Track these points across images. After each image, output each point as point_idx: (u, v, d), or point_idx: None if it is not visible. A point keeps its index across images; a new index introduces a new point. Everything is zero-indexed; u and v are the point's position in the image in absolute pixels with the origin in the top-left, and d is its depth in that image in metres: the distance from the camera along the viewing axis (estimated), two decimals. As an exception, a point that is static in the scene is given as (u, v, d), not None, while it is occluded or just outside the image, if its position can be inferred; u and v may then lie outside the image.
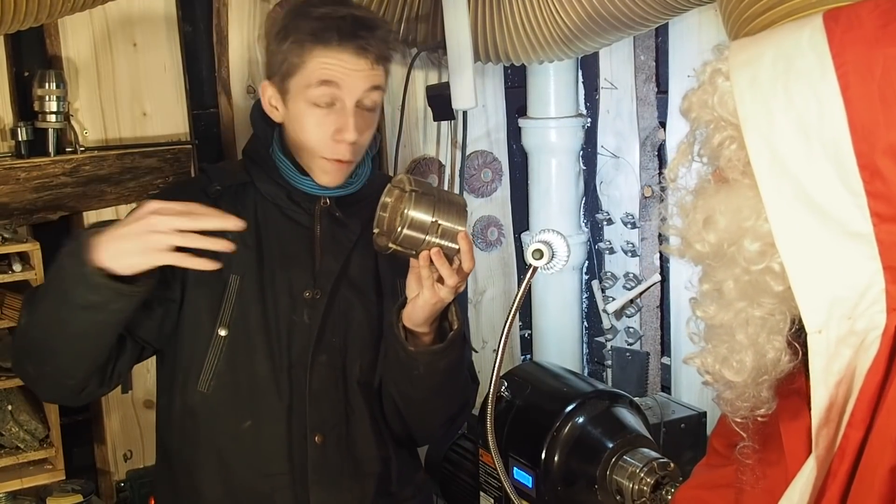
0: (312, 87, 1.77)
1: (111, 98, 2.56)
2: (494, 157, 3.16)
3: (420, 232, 1.64)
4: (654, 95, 2.92)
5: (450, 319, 1.78)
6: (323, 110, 1.78)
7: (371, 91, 1.80)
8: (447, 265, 1.66)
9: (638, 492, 1.89)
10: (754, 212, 1.10)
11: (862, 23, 1.06)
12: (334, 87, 1.77)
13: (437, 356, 1.76)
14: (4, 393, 2.31)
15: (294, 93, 1.80)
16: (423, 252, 1.66)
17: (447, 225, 1.65)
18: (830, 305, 1.07)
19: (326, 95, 1.77)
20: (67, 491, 2.41)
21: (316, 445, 1.83)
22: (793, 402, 1.20)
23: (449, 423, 1.97)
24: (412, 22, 2.73)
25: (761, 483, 1.28)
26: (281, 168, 1.86)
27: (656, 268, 2.99)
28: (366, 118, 1.82)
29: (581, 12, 2.45)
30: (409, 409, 1.88)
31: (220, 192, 1.86)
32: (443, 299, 1.70)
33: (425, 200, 1.64)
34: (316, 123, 1.79)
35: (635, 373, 3.04)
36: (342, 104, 1.78)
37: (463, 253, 1.67)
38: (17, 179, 2.39)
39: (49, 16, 2.08)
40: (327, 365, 1.83)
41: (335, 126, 1.78)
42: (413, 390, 1.83)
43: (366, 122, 1.82)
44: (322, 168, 1.83)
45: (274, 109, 1.86)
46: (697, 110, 1.17)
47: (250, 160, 1.91)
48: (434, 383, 1.81)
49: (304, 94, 1.78)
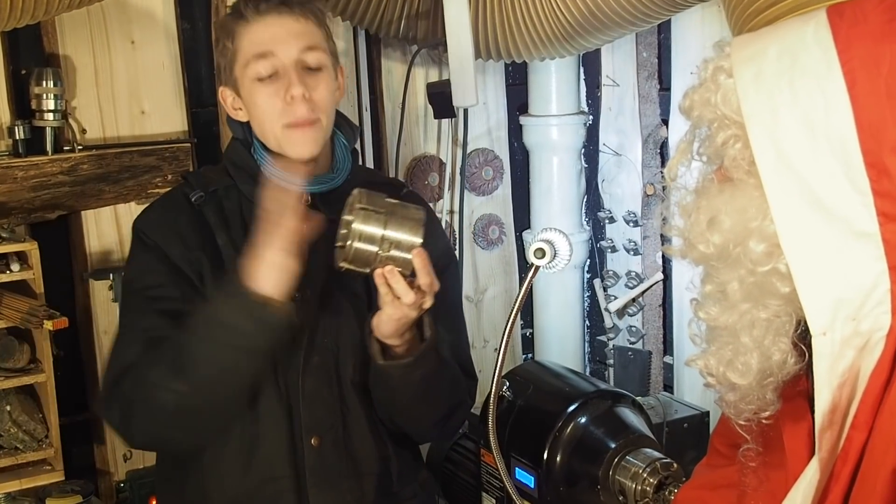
0: (251, 63, 1.79)
1: (109, 96, 2.55)
2: (495, 154, 3.15)
3: (370, 246, 1.61)
4: (656, 92, 2.91)
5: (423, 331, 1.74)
6: (268, 82, 1.80)
7: (308, 51, 1.80)
8: (402, 282, 1.63)
9: (641, 492, 1.88)
10: (760, 212, 1.09)
11: (867, 18, 1.04)
12: (270, 56, 1.78)
13: (409, 369, 1.73)
14: (3, 393, 2.30)
15: (240, 78, 1.82)
16: (377, 269, 1.63)
17: (399, 239, 1.61)
18: (835, 307, 1.05)
19: (265, 66, 1.79)
20: (67, 492, 2.40)
21: (312, 448, 1.81)
22: (796, 404, 1.19)
23: (442, 423, 1.93)
24: (413, 19, 2.72)
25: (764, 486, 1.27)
26: (263, 166, 1.85)
27: (658, 266, 2.98)
28: (315, 78, 1.81)
29: (583, 8, 2.43)
30: (394, 414, 1.87)
31: (204, 198, 1.85)
32: (406, 315, 1.67)
33: (375, 216, 1.61)
34: (266, 96, 1.80)
35: (637, 372, 3.03)
36: (283, 69, 1.79)
37: (418, 269, 1.63)
38: (15, 178, 2.39)
39: (46, 13, 2.08)
40: (320, 366, 1.81)
41: (283, 90, 1.79)
42: (394, 398, 1.82)
43: (315, 81, 1.81)
44: (290, 140, 1.82)
45: (238, 111, 1.87)
46: (700, 108, 1.15)
47: (231, 164, 1.90)
48: (413, 393, 1.79)
49: (247, 74, 1.80)
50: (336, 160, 1.91)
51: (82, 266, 2.56)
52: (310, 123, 1.80)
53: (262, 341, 1.65)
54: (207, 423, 1.77)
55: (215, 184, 1.88)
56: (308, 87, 1.78)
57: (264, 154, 1.86)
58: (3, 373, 2.27)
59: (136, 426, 1.76)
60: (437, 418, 1.90)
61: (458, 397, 1.92)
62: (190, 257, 1.80)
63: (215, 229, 1.83)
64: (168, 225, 1.83)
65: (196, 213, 1.84)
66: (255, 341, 1.65)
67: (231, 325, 1.63)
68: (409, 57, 2.92)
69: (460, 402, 1.93)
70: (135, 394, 1.72)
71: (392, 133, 2.96)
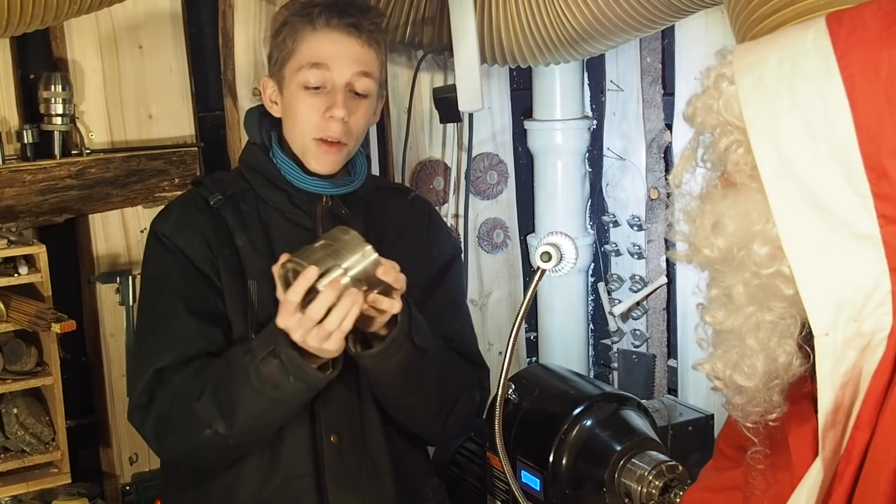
0: (304, 70, 1.83)
1: (117, 100, 2.56)
2: (500, 159, 3.16)
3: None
4: (660, 97, 2.92)
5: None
6: (314, 93, 1.83)
7: (361, 76, 1.84)
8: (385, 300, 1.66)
9: (646, 495, 1.89)
10: (763, 215, 1.10)
11: (866, 24, 1.06)
12: (324, 68, 1.82)
13: (380, 359, 1.73)
14: (10, 396, 2.31)
15: (288, 79, 1.86)
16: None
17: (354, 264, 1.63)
18: (837, 308, 1.06)
19: (317, 77, 1.82)
20: (73, 494, 2.41)
21: (332, 446, 1.83)
22: (801, 406, 1.20)
23: (443, 417, 1.91)
24: (418, 24, 2.73)
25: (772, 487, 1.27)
26: (283, 168, 1.87)
27: (662, 270, 2.98)
28: (357, 103, 1.85)
29: (587, 14, 2.44)
30: (390, 407, 1.87)
31: (223, 201, 1.87)
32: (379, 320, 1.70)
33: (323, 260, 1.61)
34: (308, 106, 1.83)
35: (642, 375, 3.03)
36: (332, 86, 1.83)
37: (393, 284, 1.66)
38: (23, 182, 2.40)
39: (55, 18, 2.09)
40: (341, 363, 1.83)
41: (325, 106, 1.83)
42: (380, 390, 1.83)
43: (357, 106, 1.85)
44: (314, 154, 1.85)
45: (273, 105, 1.92)
46: (703, 115, 1.16)
47: (248, 167, 1.92)
48: (395, 383, 1.79)
49: (297, 78, 1.84)
50: (353, 164, 1.94)
51: (90, 269, 2.57)
52: (339, 145, 1.84)
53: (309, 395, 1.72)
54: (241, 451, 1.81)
55: (232, 188, 1.90)
56: (349, 111, 1.82)
57: (283, 158, 1.87)
58: (10, 375, 2.27)
59: (170, 444, 1.79)
60: (433, 410, 1.89)
61: (457, 389, 1.91)
62: (211, 259, 1.82)
63: (234, 231, 1.85)
64: (189, 227, 1.85)
65: (215, 216, 1.86)
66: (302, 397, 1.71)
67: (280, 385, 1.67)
68: (415, 62, 2.93)
69: (460, 393, 1.92)
70: (172, 413, 1.75)
71: (398, 138, 2.97)
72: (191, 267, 1.82)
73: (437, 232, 2.05)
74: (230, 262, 1.83)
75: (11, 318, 2.23)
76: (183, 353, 1.76)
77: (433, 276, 1.98)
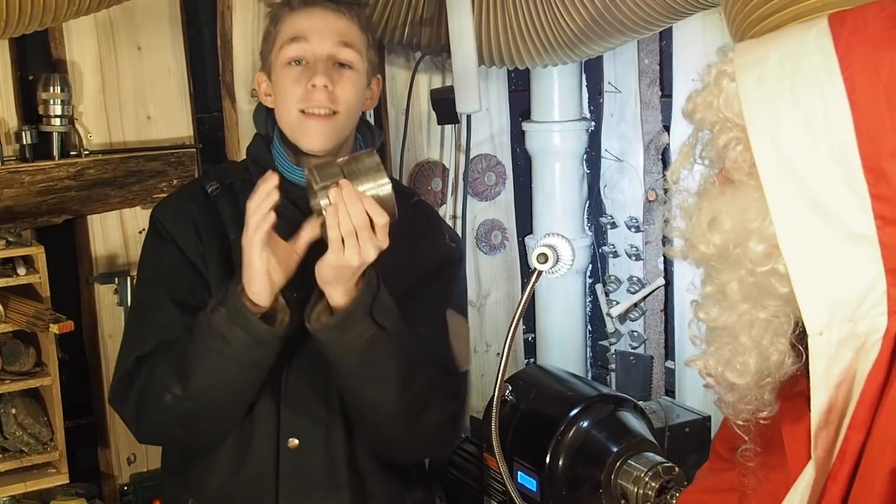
0: (285, 46, 1.84)
1: (115, 101, 2.57)
2: (498, 160, 3.16)
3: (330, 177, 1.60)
4: (658, 99, 2.92)
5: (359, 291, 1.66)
6: (297, 68, 1.84)
7: (343, 46, 1.84)
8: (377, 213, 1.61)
9: (643, 496, 1.89)
10: (760, 213, 1.10)
11: (868, 25, 1.06)
12: (303, 41, 1.83)
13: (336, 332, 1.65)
14: (8, 397, 2.31)
15: (273, 62, 1.87)
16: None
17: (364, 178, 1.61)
18: (832, 307, 1.07)
19: (296, 50, 1.83)
20: (71, 494, 2.41)
21: (289, 450, 1.79)
22: (795, 405, 1.20)
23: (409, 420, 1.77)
24: (416, 26, 2.74)
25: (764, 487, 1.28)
26: (277, 159, 1.87)
27: (660, 271, 2.99)
28: (341, 73, 1.84)
29: (585, 16, 2.45)
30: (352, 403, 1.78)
31: (220, 189, 1.87)
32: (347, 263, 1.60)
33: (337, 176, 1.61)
34: (292, 80, 1.83)
35: (639, 376, 3.03)
36: (314, 57, 1.83)
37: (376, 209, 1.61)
38: (22, 183, 2.40)
39: (54, 19, 2.09)
40: (309, 368, 1.79)
41: (307, 77, 1.82)
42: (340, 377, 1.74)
43: (341, 76, 1.84)
44: (303, 128, 1.83)
45: (267, 97, 1.91)
46: (702, 111, 1.17)
47: (251, 158, 1.92)
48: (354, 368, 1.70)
49: (280, 58, 1.85)
50: None
51: (88, 270, 2.58)
52: (326, 117, 1.82)
53: (258, 353, 1.68)
54: (207, 426, 1.79)
55: (232, 177, 1.90)
56: (332, 80, 1.81)
57: (281, 149, 1.87)
58: (8, 376, 2.27)
59: (144, 422, 1.79)
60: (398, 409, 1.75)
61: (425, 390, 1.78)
62: (202, 250, 1.82)
63: (228, 224, 1.84)
64: (183, 216, 1.85)
65: (211, 205, 1.86)
66: (250, 353, 1.67)
67: (227, 336, 1.64)
68: (413, 63, 2.94)
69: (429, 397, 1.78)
70: (145, 390, 1.75)
71: (396, 139, 2.97)
72: (181, 256, 1.82)
73: (433, 238, 1.98)
74: (220, 255, 1.82)
75: (10, 319, 2.23)
76: (164, 343, 1.76)
77: (419, 280, 1.89)
